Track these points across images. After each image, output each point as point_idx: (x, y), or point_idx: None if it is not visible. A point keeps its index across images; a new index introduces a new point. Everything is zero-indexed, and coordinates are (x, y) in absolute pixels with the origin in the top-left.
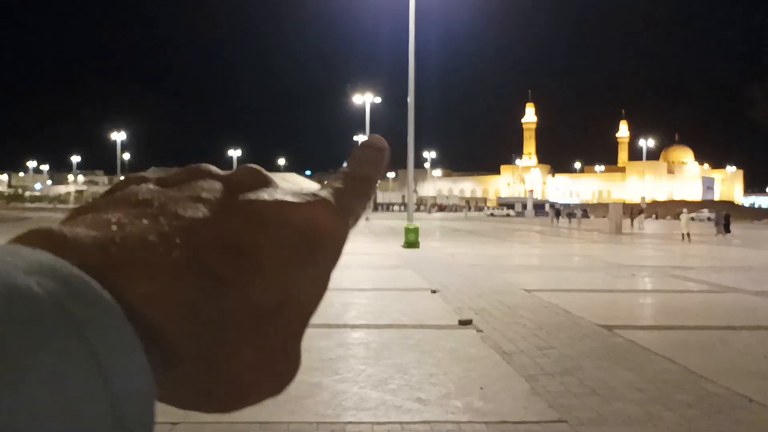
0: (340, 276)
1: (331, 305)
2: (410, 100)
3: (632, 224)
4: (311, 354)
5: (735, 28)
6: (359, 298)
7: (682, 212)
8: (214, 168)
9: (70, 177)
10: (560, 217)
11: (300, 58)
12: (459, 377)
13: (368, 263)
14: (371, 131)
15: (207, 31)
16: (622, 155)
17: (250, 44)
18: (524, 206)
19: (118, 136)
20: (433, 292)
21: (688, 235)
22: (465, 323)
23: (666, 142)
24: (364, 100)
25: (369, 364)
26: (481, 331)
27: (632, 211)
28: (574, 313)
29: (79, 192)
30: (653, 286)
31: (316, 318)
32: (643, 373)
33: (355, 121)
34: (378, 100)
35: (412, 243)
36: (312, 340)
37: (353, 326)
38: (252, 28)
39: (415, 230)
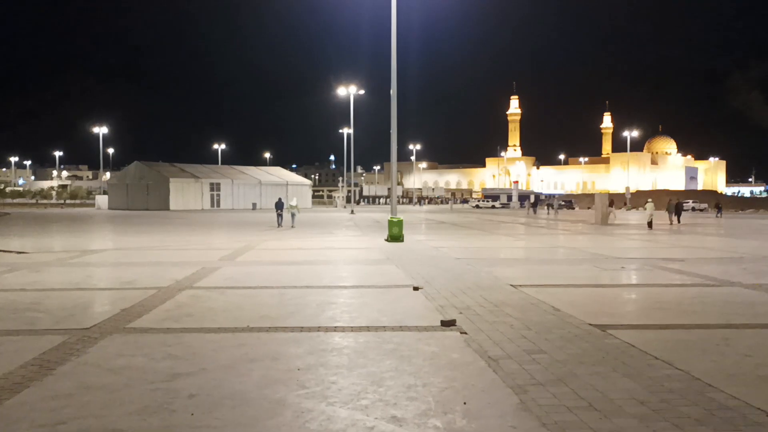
0: (319, 272)
1: (306, 305)
2: (393, 92)
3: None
4: (277, 363)
5: (718, 20)
6: (337, 297)
7: (647, 201)
8: None
9: (54, 172)
10: (537, 208)
11: (283, 51)
12: (440, 389)
13: (350, 258)
14: (356, 124)
15: (190, 24)
16: (606, 146)
17: (233, 37)
18: (509, 198)
19: (100, 130)
20: (416, 289)
21: (650, 223)
22: (448, 324)
23: (649, 133)
24: (348, 92)
25: (341, 374)
26: (465, 332)
27: None
28: (563, 311)
29: (62, 187)
30: (644, 280)
31: (290, 321)
32: (644, 382)
33: (340, 114)
34: (362, 92)
35: (395, 236)
36: (282, 347)
37: (327, 329)
38: (234, 20)
39: (399, 223)
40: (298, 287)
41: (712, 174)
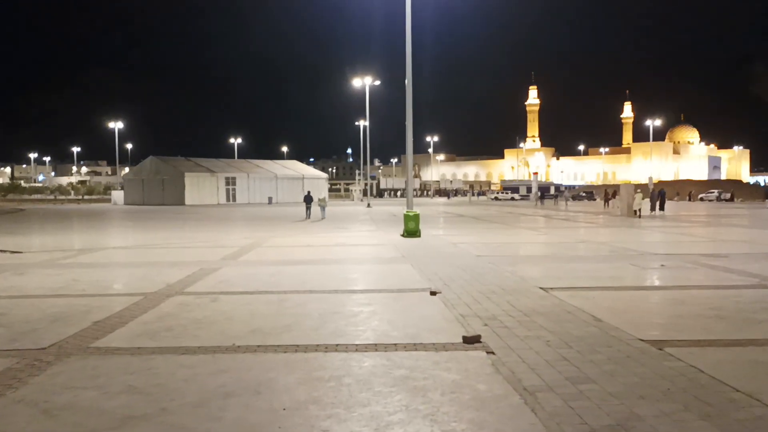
0: (326, 273)
1: (307, 316)
2: (408, 82)
3: (607, 206)
4: (259, 400)
5: (740, 6)
6: (343, 304)
7: (636, 192)
8: None
9: (74, 168)
10: (544, 199)
11: (299, 43)
12: None
13: (362, 256)
14: (373, 116)
15: (207, 19)
16: (627, 136)
17: (249, 31)
18: (529, 189)
19: (116, 126)
20: (433, 293)
21: (639, 211)
22: (471, 341)
23: (671, 123)
24: (364, 83)
25: (335, 417)
26: (492, 352)
27: (606, 192)
28: (606, 322)
29: (81, 182)
30: (690, 281)
31: (284, 337)
32: (729, 427)
33: (358, 107)
34: (377, 83)
35: (412, 232)
36: (269, 373)
37: (327, 348)
38: (250, 14)
39: (416, 217)
40: (300, 292)
41: (736, 163)
